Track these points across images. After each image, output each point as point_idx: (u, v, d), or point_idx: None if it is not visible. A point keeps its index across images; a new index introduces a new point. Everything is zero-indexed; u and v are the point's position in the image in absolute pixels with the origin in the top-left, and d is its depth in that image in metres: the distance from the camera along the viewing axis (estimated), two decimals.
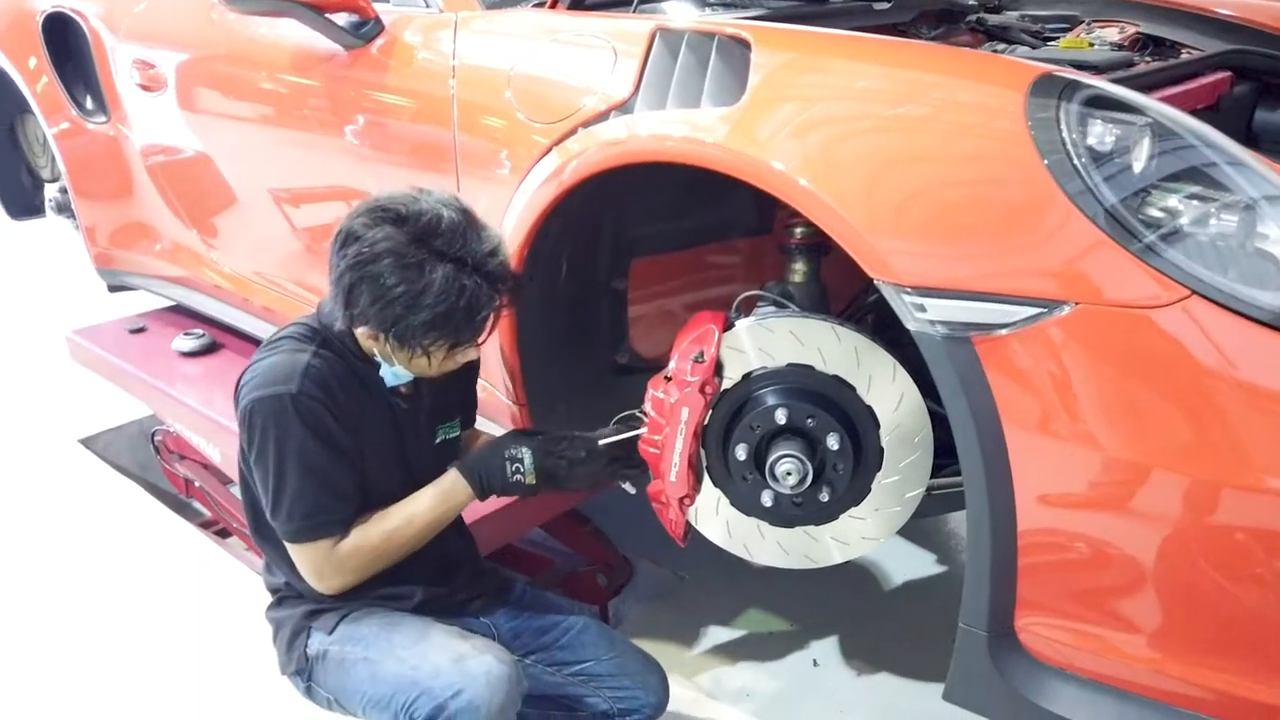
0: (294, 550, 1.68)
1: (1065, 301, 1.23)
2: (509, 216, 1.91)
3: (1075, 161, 1.24)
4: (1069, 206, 1.23)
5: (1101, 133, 1.27)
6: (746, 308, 1.81)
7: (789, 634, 2.48)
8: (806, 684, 2.31)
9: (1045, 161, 1.25)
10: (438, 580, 1.83)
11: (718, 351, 1.67)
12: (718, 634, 2.49)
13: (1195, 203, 1.25)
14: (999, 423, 1.30)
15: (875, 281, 1.36)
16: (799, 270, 1.88)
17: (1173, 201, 1.26)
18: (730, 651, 2.43)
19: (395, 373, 1.68)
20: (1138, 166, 1.27)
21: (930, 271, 1.31)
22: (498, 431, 2.00)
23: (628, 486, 1.84)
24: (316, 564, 1.67)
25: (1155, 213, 1.25)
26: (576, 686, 1.89)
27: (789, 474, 1.65)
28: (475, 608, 1.88)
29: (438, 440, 1.82)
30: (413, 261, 1.51)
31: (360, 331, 1.62)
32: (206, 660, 2.37)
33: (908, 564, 2.70)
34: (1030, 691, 1.39)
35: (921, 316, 1.32)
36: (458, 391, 1.89)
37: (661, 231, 2.12)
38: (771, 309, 1.82)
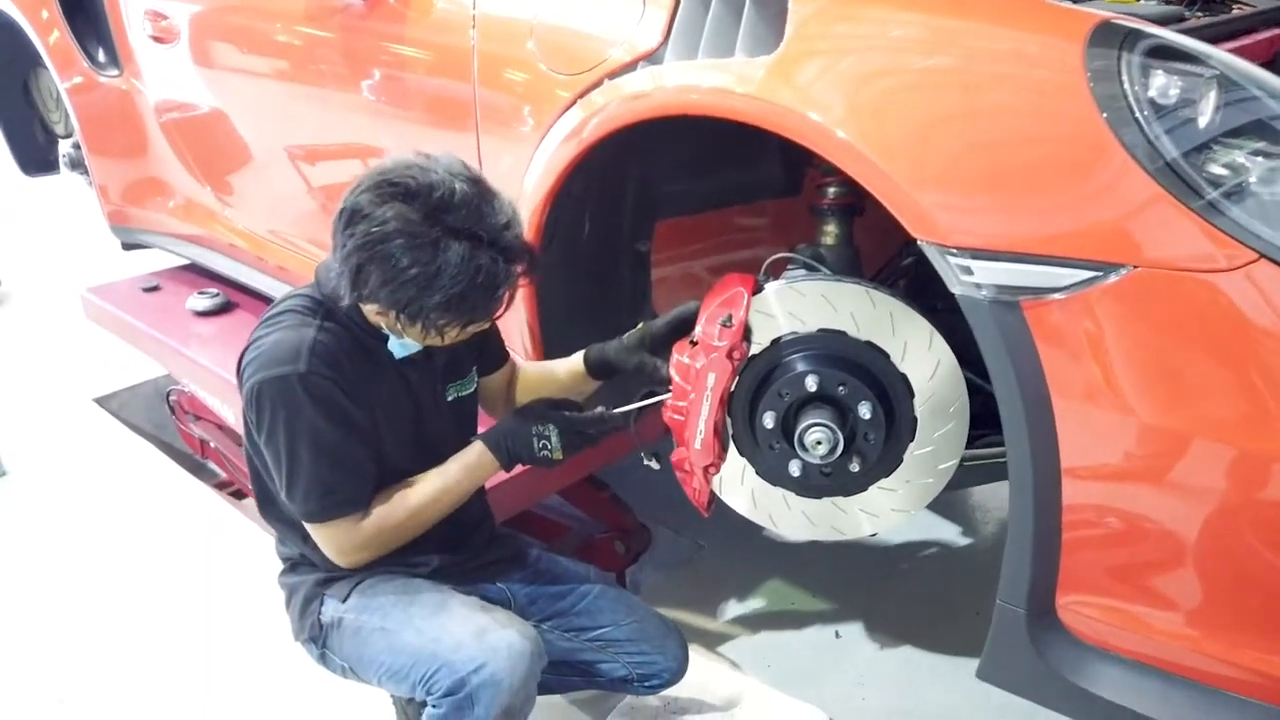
0: (313, 530, 1.63)
1: (1122, 264, 1.16)
2: (530, 175, 1.84)
3: (1136, 114, 1.16)
4: (1127, 162, 1.16)
5: (1164, 85, 1.19)
6: (776, 271, 1.75)
7: (810, 604, 2.44)
8: (828, 655, 2.27)
9: (1103, 115, 1.17)
10: (454, 546, 1.79)
11: (747, 315, 1.61)
12: (737, 604, 2.45)
13: (1262, 159, 1.18)
14: (1046, 393, 1.23)
15: (919, 243, 1.29)
16: (831, 232, 1.81)
17: (1238, 158, 1.18)
18: (750, 622, 2.39)
19: (405, 344, 1.62)
20: (1202, 121, 1.19)
21: (978, 231, 1.24)
22: None
23: (652, 463, 1.78)
24: (338, 541, 1.63)
25: (1219, 170, 1.18)
26: (594, 652, 1.86)
27: (819, 443, 1.60)
28: (491, 573, 1.84)
29: (450, 399, 1.76)
30: (426, 241, 1.41)
31: (369, 309, 1.55)
32: (220, 622, 2.35)
33: (931, 534, 2.65)
34: (1069, 671, 1.33)
35: (967, 280, 1.25)
36: (473, 344, 1.77)
37: (687, 192, 2.05)
38: (802, 272, 1.75)
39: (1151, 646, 1.28)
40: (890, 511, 1.73)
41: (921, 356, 1.61)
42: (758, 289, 1.65)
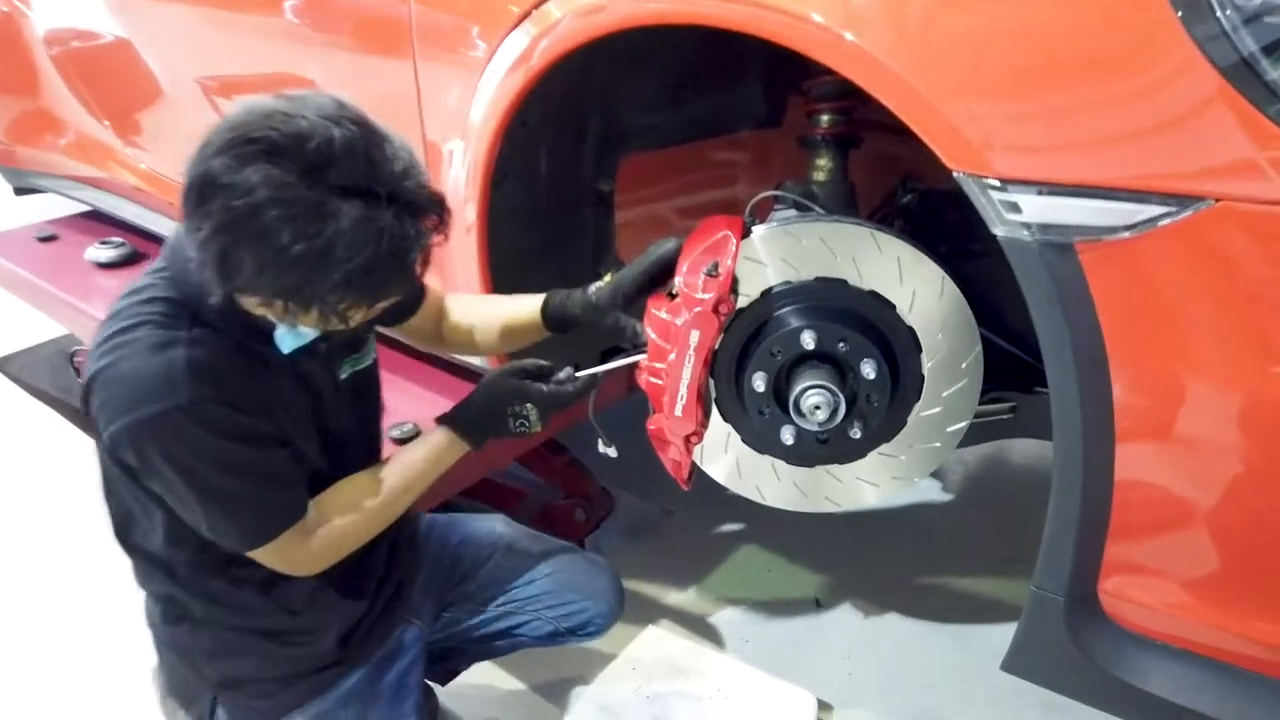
0: (258, 554, 1.36)
1: (1200, 198, 0.97)
2: (476, 107, 1.59)
3: (1218, 14, 0.96)
4: (1209, 73, 0.96)
5: None
6: (761, 212, 1.54)
7: (788, 571, 2.29)
8: (809, 626, 2.12)
9: (1178, 14, 0.97)
10: (352, 611, 1.52)
11: (735, 263, 1.40)
12: (708, 573, 2.28)
13: None
14: (1103, 350, 1.05)
15: (955, 175, 1.09)
16: (823, 166, 1.60)
17: None
18: (724, 592, 2.22)
19: (297, 334, 1.31)
20: None
21: (1028, 160, 1.04)
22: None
23: (610, 451, 1.57)
24: (289, 557, 1.37)
25: None
26: (510, 617, 1.69)
27: (817, 409, 1.41)
28: (395, 618, 1.59)
29: (344, 377, 1.47)
30: (307, 207, 1.11)
31: (248, 301, 1.23)
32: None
33: (910, 495, 2.49)
34: (1113, 664, 1.18)
35: (1013, 219, 1.05)
36: None
37: (655, 124, 1.82)
38: (793, 213, 1.55)
39: (1210, 637, 1.13)
40: (891, 480, 1.56)
41: (932, 307, 1.43)
42: (745, 233, 1.44)
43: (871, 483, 1.56)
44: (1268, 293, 0.96)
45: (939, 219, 1.62)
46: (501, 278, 1.71)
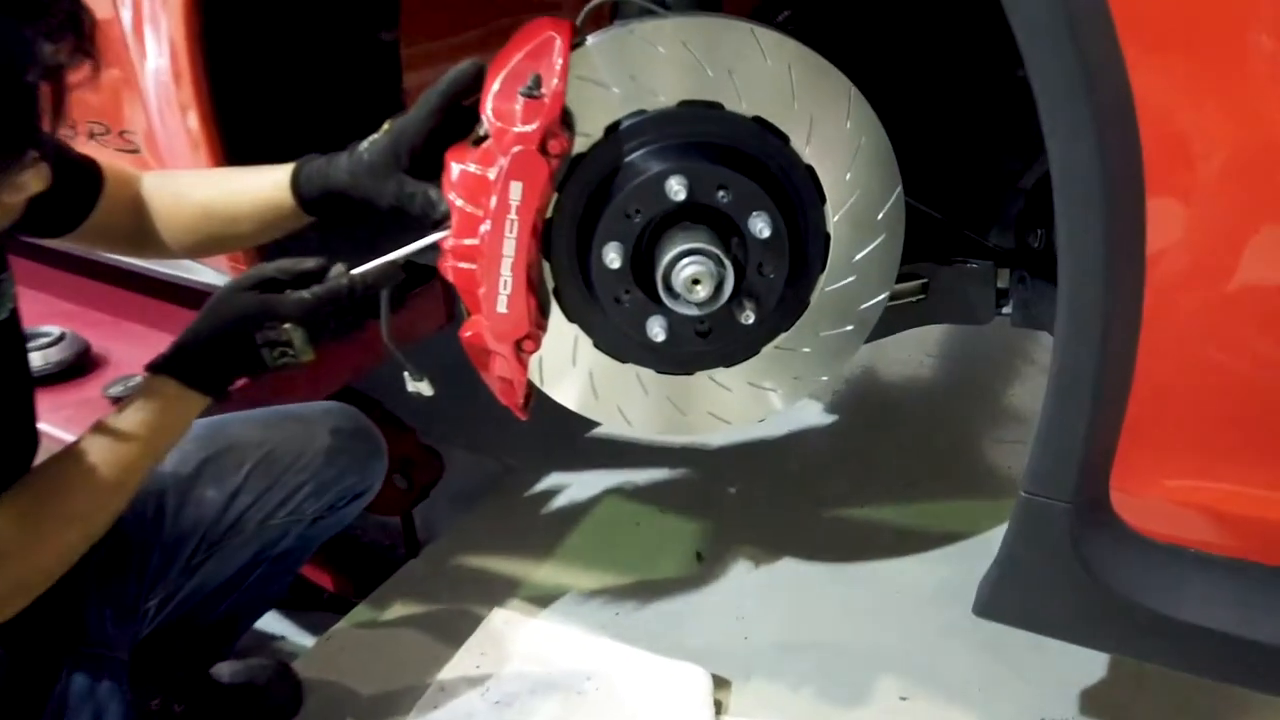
0: None
1: None
2: None
3: None
4: None
5: None
6: (597, 24, 1.12)
7: (660, 522, 1.90)
8: (691, 586, 1.75)
9: None
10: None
11: (565, 76, 0.97)
12: (564, 535, 1.88)
13: None
14: (1135, 136, 0.68)
15: None
16: None
17: None
18: (586, 556, 1.82)
19: None
20: None
21: None
22: None
23: (422, 387, 1.13)
24: None
25: None
26: (248, 543, 1.30)
27: (696, 282, 1.01)
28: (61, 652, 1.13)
29: None
30: None
31: None
32: None
33: (793, 415, 2.14)
34: (1136, 590, 0.83)
35: None
36: None
37: None
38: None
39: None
40: (793, 381, 1.18)
41: (837, 135, 1.05)
42: (577, 41, 1.01)
43: (769, 387, 1.17)
44: None
45: (830, 25, 1.24)
46: (238, 142, 1.22)
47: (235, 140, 1.22)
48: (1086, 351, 0.76)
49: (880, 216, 1.09)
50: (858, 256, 1.11)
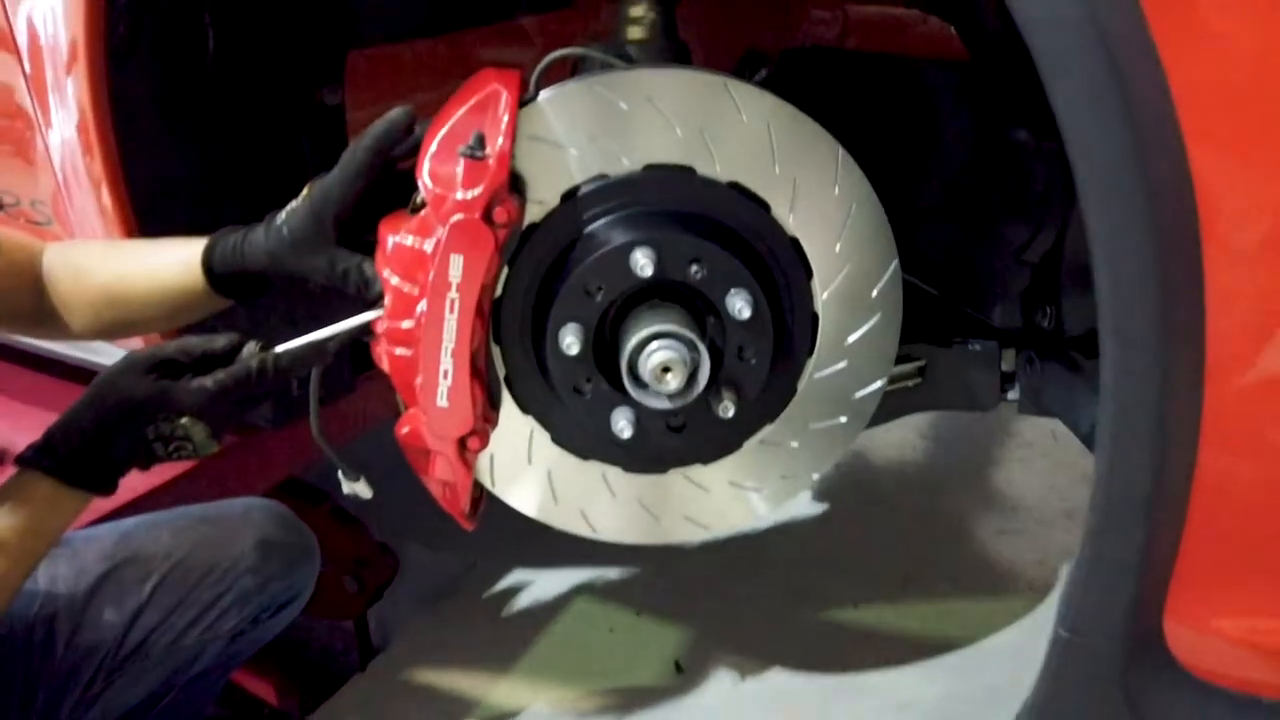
0: None
1: None
2: None
3: None
4: None
5: None
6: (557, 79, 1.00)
7: (637, 628, 1.74)
8: (669, 701, 1.57)
9: None
10: None
11: (512, 133, 0.85)
12: (530, 644, 1.71)
13: None
14: (1188, 184, 0.56)
15: None
16: (641, 18, 1.07)
17: None
18: (555, 668, 1.66)
19: None
20: None
21: None
22: None
23: (359, 488, 1.00)
24: None
25: None
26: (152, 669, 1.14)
27: (666, 370, 0.87)
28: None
29: None
30: None
31: None
32: None
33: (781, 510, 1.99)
34: None
35: None
36: None
37: (401, 1, 1.26)
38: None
39: None
40: (780, 481, 1.04)
41: (824, 202, 0.93)
42: (527, 98, 0.89)
43: (752, 487, 1.03)
44: None
45: (812, 92, 1.13)
46: (149, 221, 1.08)
47: (153, 214, 1.08)
48: (1136, 462, 0.63)
49: (875, 294, 0.97)
50: (851, 339, 0.98)
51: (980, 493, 2.07)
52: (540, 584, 1.84)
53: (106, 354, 1.26)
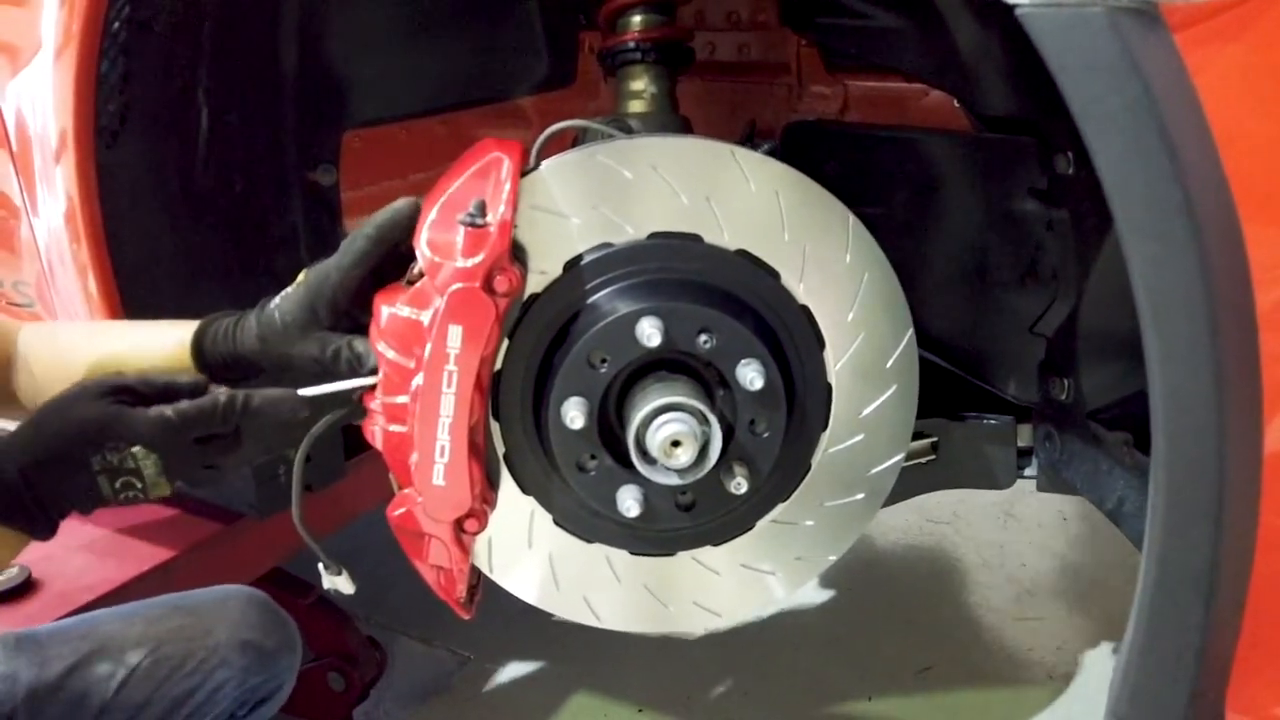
0: None
1: None
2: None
3: None
4: None
5: None
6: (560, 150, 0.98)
7: None
8: None
9: None
10: None
11: (514, 200, 0.82)
12: None
13: None
14: (1238, 234, 0.53)
15: None
16: (642, 92, 1.08)
17: None
18: None
19: None
20: None
21: None
22: None
23: (339, 582, 0.94)
24: None
25: None
26: None
27: (675, 445, 0.83)
28: None
29: None
30: None
31: None
32: None
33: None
34: None
35: None
36: None
37: (398, 79, 1.25)
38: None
39: None
40: (794, 562, 0.98)
41: (835, 270, 0.90)
42: (529, 166, 0.87)
43: (766, 569, 0.98)
44: None
45: (816, 166, 1.11)
46: (138, 302, 1.04)
47: (138, 296, 1.04)
48: (1194, 540, 0.58)
49: (889, 365, 0.93)
50: (865, 411, 0.94)
51: (993, 577, 2.01)
52: (537, 679, 1.76)
53: None
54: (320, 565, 0.95)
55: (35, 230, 1.08)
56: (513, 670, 1.78)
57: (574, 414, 0.86)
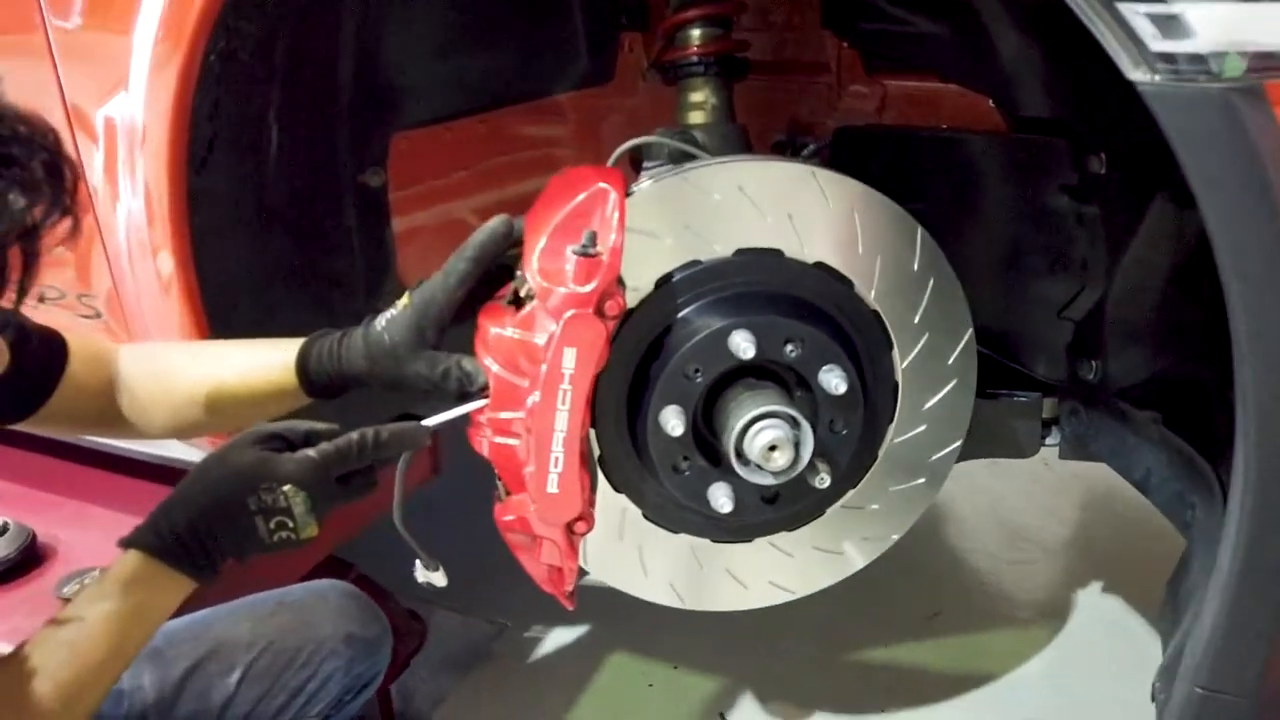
0: None
1: None
2: (142, 22, 0.97)
3: None
4: None
5: None
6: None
7: (678, 683, 1.74)
8: None
9: None
10: None
11: (623, 230, 0.87)
12: (570, 704, 1.70)
13: None
14: None
15: None
16: (702, 103, 1.12)
17: None
18: None
19: None
20: None
21: None
22: None
23: (435, 577, 1.00)
24: None
25: None
26: None
27: (773, 449, 0.90)
28: None
29: None
30: None
31: None
32: None
33: None
34: None
35: (1165, 47, 0.59)
36: None
37: (444, 82, 1.27)
38: (669, 168, 1.04)
39: None
40: (861, 542, 1.07)
41: (905, 277, 0.97)
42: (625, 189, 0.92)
43: (833, 549, 1.06)
44: None
45: (863, 165, 1.17)
46: (217, 312, 1.07)
47: (220, 311, 1.08)
48: (1261, 522, 0.67)
49: (951, 361, 1.01)
50: (928, 404, 1.02)
51: (986, 523, 2.13)
52: (574, 644, 1.83)
53: (165, 446, 1.24)
54: (416, 561, 1.01)
55: (108, 248, 1.10)
56: (549, 639, 1.84)
57: (674, 422, 0.93)
